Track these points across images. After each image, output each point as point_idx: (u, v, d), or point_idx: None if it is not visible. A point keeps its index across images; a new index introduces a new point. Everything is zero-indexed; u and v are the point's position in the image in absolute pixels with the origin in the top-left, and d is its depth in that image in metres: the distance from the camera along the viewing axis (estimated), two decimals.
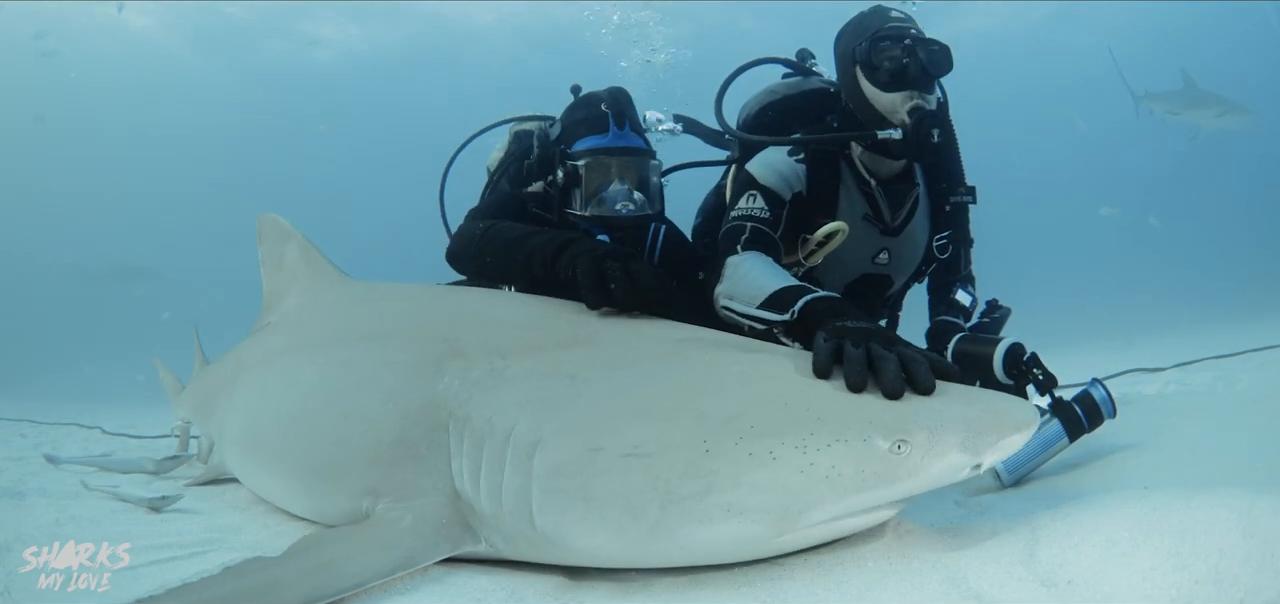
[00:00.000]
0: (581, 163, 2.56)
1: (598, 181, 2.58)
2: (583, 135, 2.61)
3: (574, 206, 2.60)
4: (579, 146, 2.60)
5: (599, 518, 1.51)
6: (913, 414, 1.46)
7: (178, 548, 2.04)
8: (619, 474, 1.49)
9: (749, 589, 1.49)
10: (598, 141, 2.58)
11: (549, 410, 1.65)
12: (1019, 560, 1.39)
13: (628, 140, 2.60)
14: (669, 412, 1.55)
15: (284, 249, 2.95)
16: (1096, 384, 2.11)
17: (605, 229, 2.57)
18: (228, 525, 2.34)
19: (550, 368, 1.75)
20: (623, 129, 2.60)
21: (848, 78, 2.64)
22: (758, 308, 2.16)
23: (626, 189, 2.57)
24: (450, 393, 1.82)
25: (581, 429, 1.58)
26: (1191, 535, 1.32)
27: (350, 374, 2.14)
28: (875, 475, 1.43)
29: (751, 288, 2.23)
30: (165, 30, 23.86)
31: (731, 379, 1.61)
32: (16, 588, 1.68)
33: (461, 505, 1.72)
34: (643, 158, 2.64)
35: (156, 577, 1.77)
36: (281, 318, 2.89)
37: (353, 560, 1.60)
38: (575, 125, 2.65)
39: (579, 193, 2.59)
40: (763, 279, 2.23)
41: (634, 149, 2.61)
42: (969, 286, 2.98)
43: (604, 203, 2.57)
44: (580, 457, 1.54)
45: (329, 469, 2.02)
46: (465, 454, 1.73)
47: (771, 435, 1.45)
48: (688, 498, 1.45)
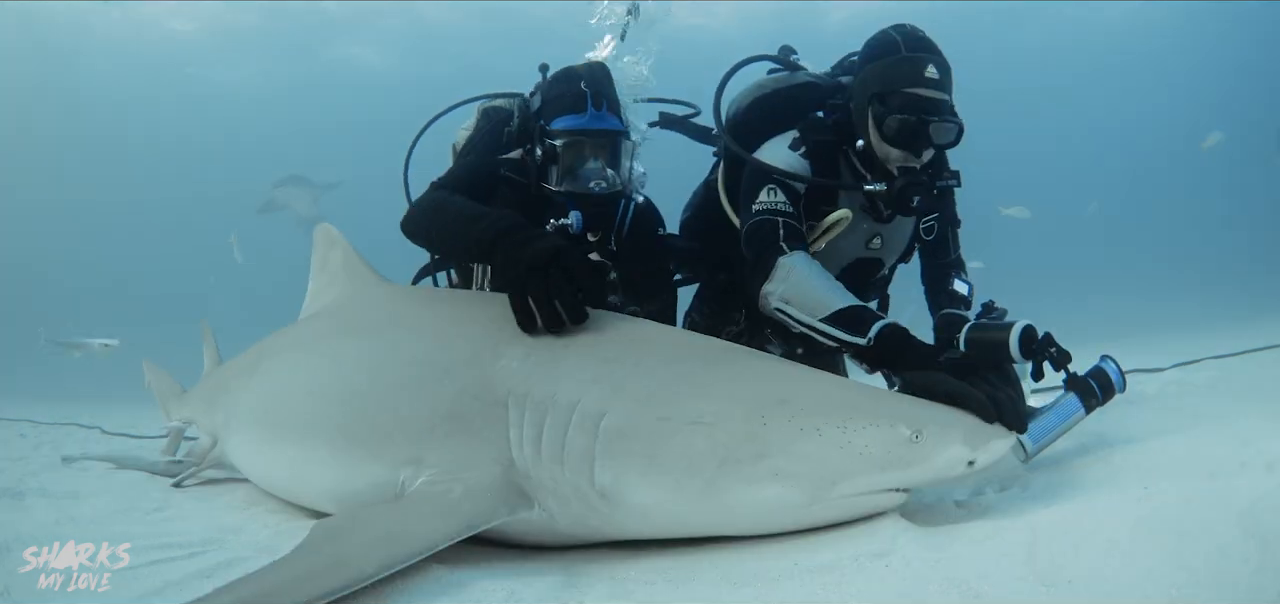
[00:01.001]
0: (558, 142, 2.66)
1: (573, 159, 2.69)
2: (561, 113, 2.69)
3: (550, 181, 2.71)
4: (557, 125, 2.68)
5: (660, 474, 1.71)
6: (928, 413, 1.78)
7: (178, 548, 2.04)
8: (684, 437, 1.71)
9: (748, 589, 1.49)
10: (575, 121, 2.67)
11: (615, 387, 1.83)
12: (1019, 560, 1.39)
13: (604, 122, 2.69)
14: (727, 393, 1.78)
15: (329, 254, 3.02)
16: (1107, 359, 2.26)
17: (578, 205, 2.67)
18: (228, 525, 2.34)
19: (613, 355, 1.93)
20: (600, 110, 2.70)
21: (861, 99, 2.66)
22: (822, 321, 2.31)
23: (600, 167, 2.68)
24: (509, 372, 1.94)
25: (649, 402, 1.78)
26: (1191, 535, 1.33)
27: (402, 353, 2.23)
28: (897, 458, 1.69)
29: (813, 298, 2.36)
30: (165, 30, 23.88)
31: (777, 374, 1.92)
32: (16, 588, 1.69)
33: (514, 474, 1.82)
34: (618, 138, 2.74)
35: (156, 577, 1.77)
36: (317, 313, 2.95)
37: (419, 526, 1.67)
38: (555, 100, 2.73)
39: (555, 169, 2.70)
40: (824, 292, 2.36)
41: (609, 131, 2.71)
42: (963, 274, 3.06)
43: (578, 180, 2.67)
44: (649, 423, 1.75)
45: (370, 437, 2.05)
46: (527, 424, 1.84)
47: (818, 415, 1.72)
48: (743, 460, 1.67)
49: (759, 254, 2.55)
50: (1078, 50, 26.71)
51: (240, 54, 24.41)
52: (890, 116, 2.54)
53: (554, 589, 1.59)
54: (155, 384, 4.36)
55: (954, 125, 2.56)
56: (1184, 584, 1.22)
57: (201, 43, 23.77)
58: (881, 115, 2.57)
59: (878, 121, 2.59)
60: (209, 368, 4.10)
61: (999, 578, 1.35)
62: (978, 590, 1.32)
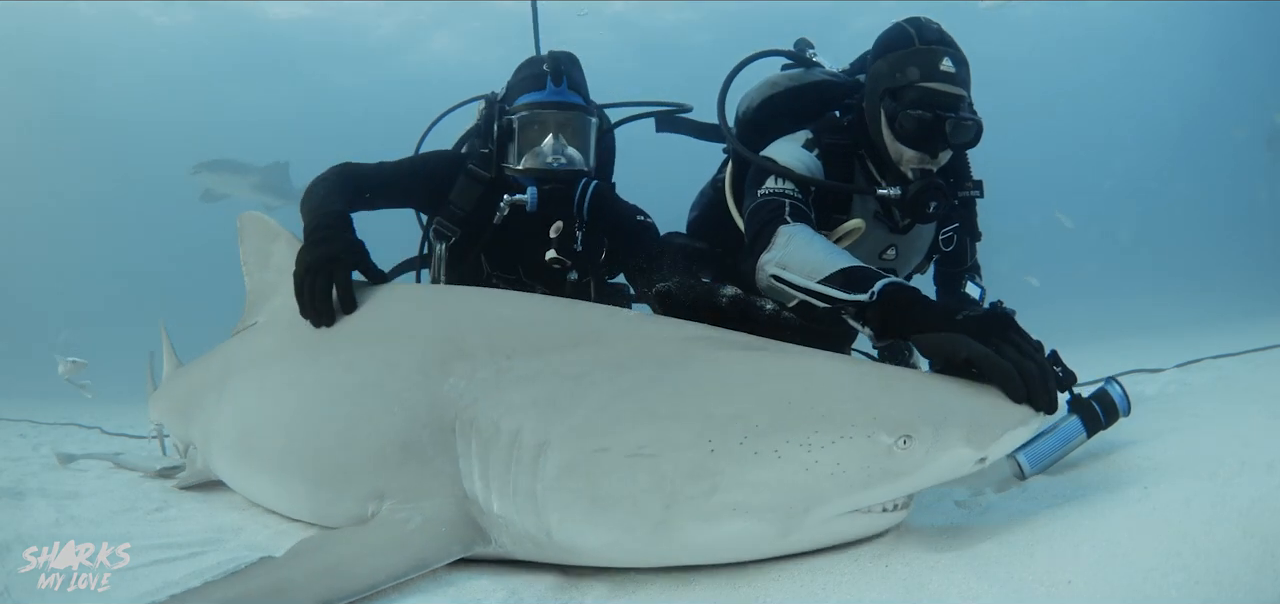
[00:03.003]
0: (516, 117, 2.67)
1: (532, 136, 2.68)
2: (522, 92, 2.71)
3: (509, 161, 2.71)
4: (517, 103, 2.70)
5: (605, 517, 1.52)
6: (917, 410, 1.49)
7: (178, 548, 2.04)
8: (624, 474, 1.51)
9: (746, 589, 1.49)
10: (534, 97, 2.69)
11: (555, 412, 1.65)
12: (1019, 561, 1.39)
13: (563, 96, 2.70)
14: (674, 412, 1.57)
15: (271, 248, 2.87)
16: (1112, 382, 2.15)
17: (536, 181, 2.67)
18: (227, 525, 2.33)
19: (556, 369, 1.75)
20: (560, 86, 2.70)
21: (872, 96, 2.53)
22: (819, 283, 2.07)
23: (560, 144, 2.67)
24: (456, 394, 1.80)
25: (587, 431, 1.59)
26: (1191, 535, 1.33)
27: (353, 377, 2.11)
28: (881, 471, 1.45)
29: (811, 261, 2.13)
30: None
31: (737, 380, 1.63)
32: (16, 588, 1.69)
33: (470, 506, 1.71)
34: (577, 113, 2.72)
35: (156, 577, 1.77)
36: (271, 318, 2.79)
37: (364, 562, 1.59)
38: (517, 83, 2.76)
39: (513, 147, 2.71)
40: (824, 254, 2.13)
41: (568, 104, 2.70)
42: (976, 278, 2.96)
43: (537, 156, 2.67)
44: (587, 457, 1.56)
45: (333, 473, 2.00)
46: (474, 456, 1.72)
47: (776, 434, 1.47)
48: (694, 497, 1.47)
49: (760, 228, 2.34)
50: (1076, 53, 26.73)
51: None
52: (903, 113, 2.38)
53: (554, 589, 1.59)
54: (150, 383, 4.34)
55: (972, 123, 2.41)
56: (1184, 584, 1.22)
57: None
58: (894, 111, 2.41)
59: (890, 119, 2.44)
60: (169, 371, 4.00)
61: (999, 578, 1.34)
62: (977, 591, 1.32)
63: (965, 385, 1.60)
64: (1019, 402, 1.54)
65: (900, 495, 1.54)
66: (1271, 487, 1.46)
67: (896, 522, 1.60)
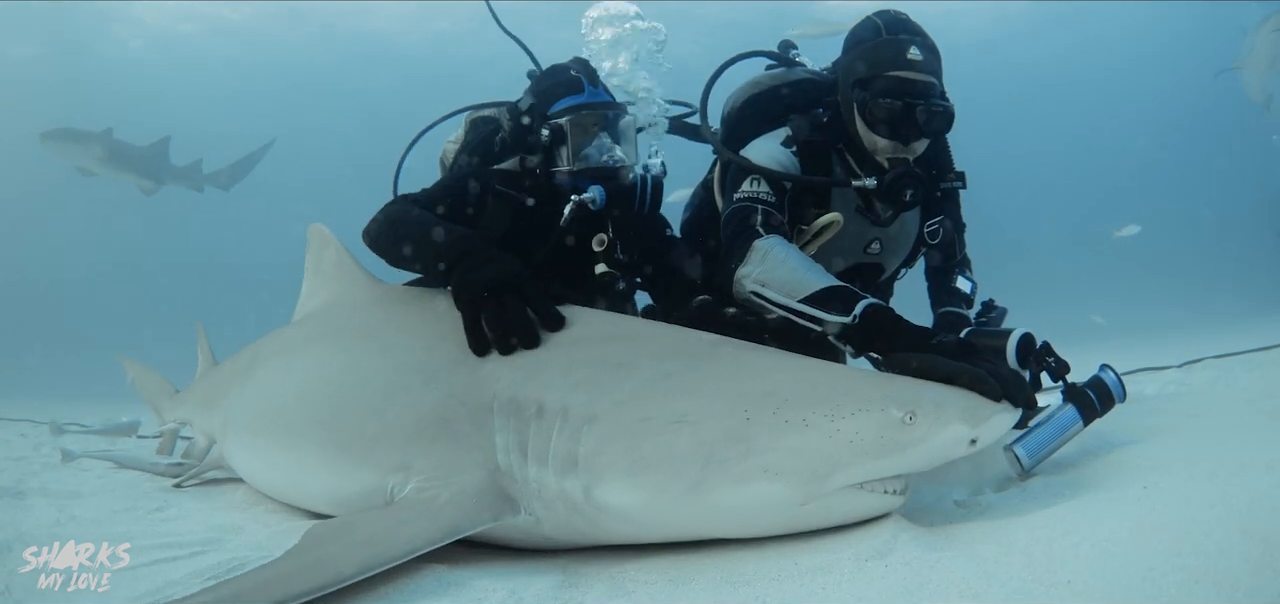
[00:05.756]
0: (565, 120, 2.63)
1: (581, 137, 2.66)
2: (559, 97, 2.67)
3: (561, 164, 2.66)
4: (559, 107, 2.66)
5: (643, 477, 1.67)
6: (921, 392, 1.72)
7: (178, 548, 2.04)
8: (667, 437, 1.67)
9: (746, 588, 1.49)
10: (577, 99, 2.66)
11: (600, 390, 1.80)
12: (1018, 560, 1.39)
13: (603, 96, 2.70)
14: (713, 390, 1.75)
15: (323, 256, 2.97)
16: (1106, 369, 2.17)
17: (596, 180, 2.63)
18: (228, 525, 2.34)
19: (600, 356, 1.91)
20: (596, 88, 2.71)
21: (845, 89, 2.59)
22: (801, 302, 2.18)
23: (608, 141, 2.67)
24: (496, 377, 1.92)
25: (632, 403, 1.75)
26: (1191, 535, 1.33)
27: (390, 358, 2.22)
28: (892, 442, 1.63)
29: (790, 279, 2.24)
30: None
31: (765, 367, 1.85)
32: (16, 588, 1.69)
33: (501, 478, 1.81)
34: (620, 111, 2.72)
35: (157, 576, 1.78)
36: (309, 315, 2.92)
37: (399, 532, 1.66)
38: (549, 90, 2.71)
39: (565, 150, 2.66)
40: (802, 272, 2.24)
41: (613, 104, 2.71)
42: (967, 272, 2.97)
43: (591, 156, 2.65)
44: (632, 424, 1.72)
45: (359, 442, 2.05)
46: (513, 429, 1.83)
47: (804, 405, 1.66)
48: (728, 459, 1.62)
49: (734, 237, 2.45)
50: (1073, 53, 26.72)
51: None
52: (874, 102, 2.44)
53: (554, 589, 1.59)
54: (141, 383, 4.30)
55: (943, 109, 2.46)
56: (1184, 584, 1.22)
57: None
58: (865, 101, 2.47)
59: (862, 109, 2.49)
60: (203, 368, 4.07)
61: (998, 578, 1.35)
62: (977, 590, 1.32)
63: (953, 387, 1.80)
64: (997, 401, 1.73)
65: (905, 469, 1.68)
66: (1271, 486, 1.46)
67: (897, 505, 1.70)
